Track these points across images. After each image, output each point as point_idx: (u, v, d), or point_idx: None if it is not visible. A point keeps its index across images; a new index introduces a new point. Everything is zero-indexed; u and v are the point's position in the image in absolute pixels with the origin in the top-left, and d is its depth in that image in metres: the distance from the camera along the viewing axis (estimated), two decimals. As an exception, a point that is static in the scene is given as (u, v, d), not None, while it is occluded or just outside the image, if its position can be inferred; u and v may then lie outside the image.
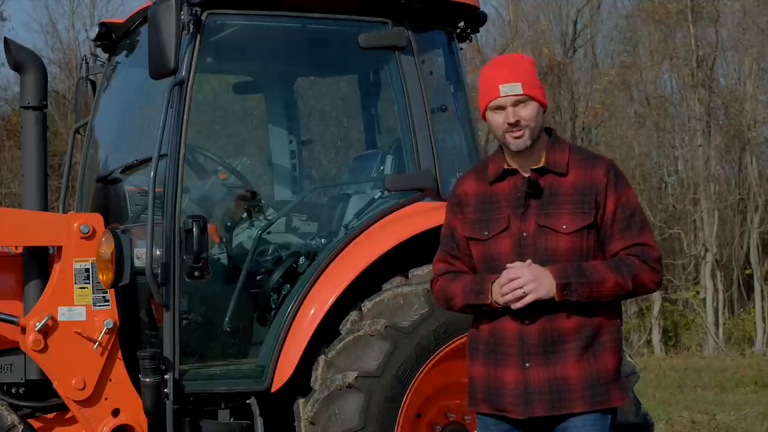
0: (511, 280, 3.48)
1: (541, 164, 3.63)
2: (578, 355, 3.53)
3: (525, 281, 3.47)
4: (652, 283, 3.59)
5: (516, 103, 3.58)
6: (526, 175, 3.64)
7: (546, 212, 3.58)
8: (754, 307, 26.98)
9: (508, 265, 3.53)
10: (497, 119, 3.62)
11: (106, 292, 5.13)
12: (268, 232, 5.69)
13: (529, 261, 3.52)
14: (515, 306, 3.50)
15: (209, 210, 5.85)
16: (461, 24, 5.89)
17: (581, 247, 3.56)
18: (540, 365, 3.53)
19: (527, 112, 3.59)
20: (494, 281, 3.55)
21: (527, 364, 3.54)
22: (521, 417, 3.57)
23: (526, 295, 3.47)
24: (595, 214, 3.56)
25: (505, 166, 3.67)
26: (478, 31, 6.18)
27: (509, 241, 3.59)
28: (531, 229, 3.58)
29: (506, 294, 3.49)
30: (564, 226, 3.55)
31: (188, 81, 5.16)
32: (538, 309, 3.52)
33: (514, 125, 3.58)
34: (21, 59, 5.46)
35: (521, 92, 3.58)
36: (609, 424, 3.61)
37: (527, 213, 3.59)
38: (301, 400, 5.17)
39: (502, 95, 3.58)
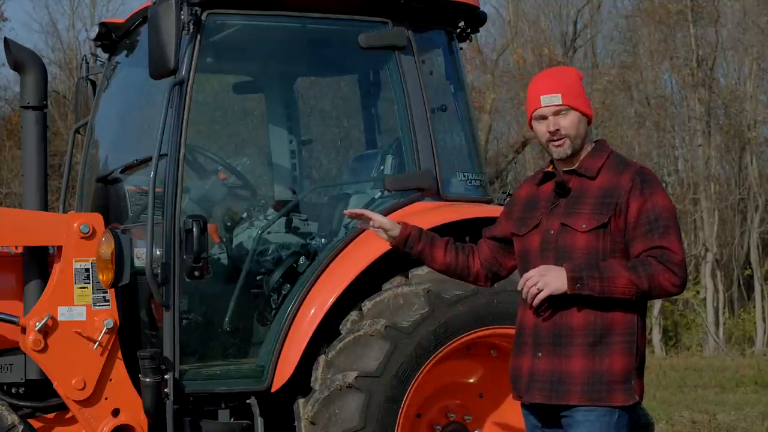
0: (527, 281, 3.66)
1: (573, 167, 3.79)
2: (584, 351, 3.66)
3: (536, 279, 3.63)
4: (671, 285, 3.61)
5: (556, 113, 3.76)
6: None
7: (570, 212, 3.73)
8: (754, 307, 26.97)
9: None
10: (540, 128, 3.81)
11: (106, 292, 5.13)
12: (268, 232, 5.69)
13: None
14: (534, 303, 3.67)
15: (209, 210, 5.85)
16: (461, 24, 5.90)
17: (597, 246, 3.67)
18: (549, 356, 3.71)
19: (567, 121, 3.75)
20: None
21: (539, 354, 3.73)
22: (526, 402, 3.80)
23: (540, 292, 3.63)
24: (613, 215, 3.66)
25: (546, 170, 3.88)
26: (478, 31, 6.19)
27: (538, 238, 3.79)
28: (556, 227, 3.74)
29: (525, 294, 3.67)
30: (583, 225, 3.69)
31: (188, 81, 5.16)
32: (552, 305, 3.67)
33: (554, 134, 3.75)
34: (21, 59, 5.47)
35: (560, 102, 3.75)
36: (614, 422, 3.66)
37: (555, 212, 3.77)
38: (301, 400, 5.17)
39: (543, 105, 3.77)
